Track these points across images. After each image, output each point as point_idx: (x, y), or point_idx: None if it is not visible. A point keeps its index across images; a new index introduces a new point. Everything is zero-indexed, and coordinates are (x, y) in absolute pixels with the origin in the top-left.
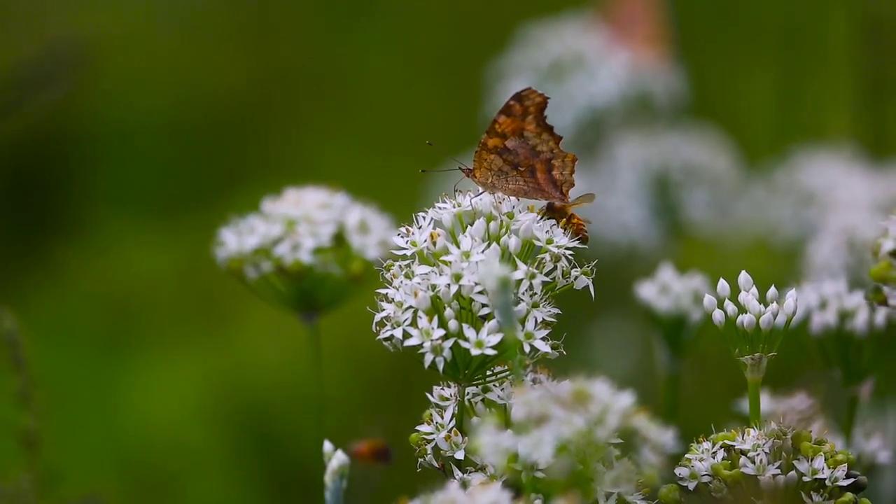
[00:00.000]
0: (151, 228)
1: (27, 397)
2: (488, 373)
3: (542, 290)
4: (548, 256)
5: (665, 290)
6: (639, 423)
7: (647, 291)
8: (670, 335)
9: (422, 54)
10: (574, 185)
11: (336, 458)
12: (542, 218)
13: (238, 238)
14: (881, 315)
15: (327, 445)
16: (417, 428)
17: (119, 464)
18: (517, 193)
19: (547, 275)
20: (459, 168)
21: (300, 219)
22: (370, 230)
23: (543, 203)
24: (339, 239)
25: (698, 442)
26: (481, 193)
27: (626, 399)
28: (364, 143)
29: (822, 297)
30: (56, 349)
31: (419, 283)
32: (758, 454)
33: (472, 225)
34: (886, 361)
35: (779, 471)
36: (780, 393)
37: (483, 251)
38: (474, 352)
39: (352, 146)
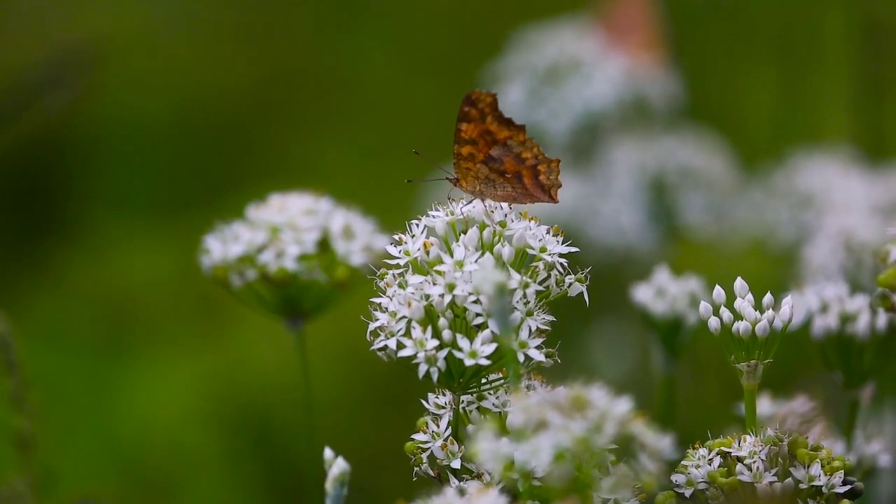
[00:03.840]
0: (150, 231)
1: (20, 400)
2: (483, 381)
3: (535, 299)
4: (541, 265)
5: (661, 292)
6: (636, 429)
7: (643, 294)
8: (666, 338)
9: (420, 56)
10: (561, 186)
11: (337, 465)
12: None
13: (222, 246)
14: (882, 319)
15: (328, 452)
16: (413, 437)
17: (117, 465)
18: (506, 199)
19: (540, 283)
20: (447, 178)
21: (284, 225)
22: (355, 235)
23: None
24: (324, 244)
25: (694, 448)
26: (472, 201)
27: (623, 405)
28: (364, 145)
29: (823, 301)
30: (54, 351)
31: (413, 293)
32: (754, 461)
33: (465, 233)
34: (888, 365)
35: (775, 478)
36: (781, 396)
37: (476, 260)
38: (468, 362)
39: (352, 148)
